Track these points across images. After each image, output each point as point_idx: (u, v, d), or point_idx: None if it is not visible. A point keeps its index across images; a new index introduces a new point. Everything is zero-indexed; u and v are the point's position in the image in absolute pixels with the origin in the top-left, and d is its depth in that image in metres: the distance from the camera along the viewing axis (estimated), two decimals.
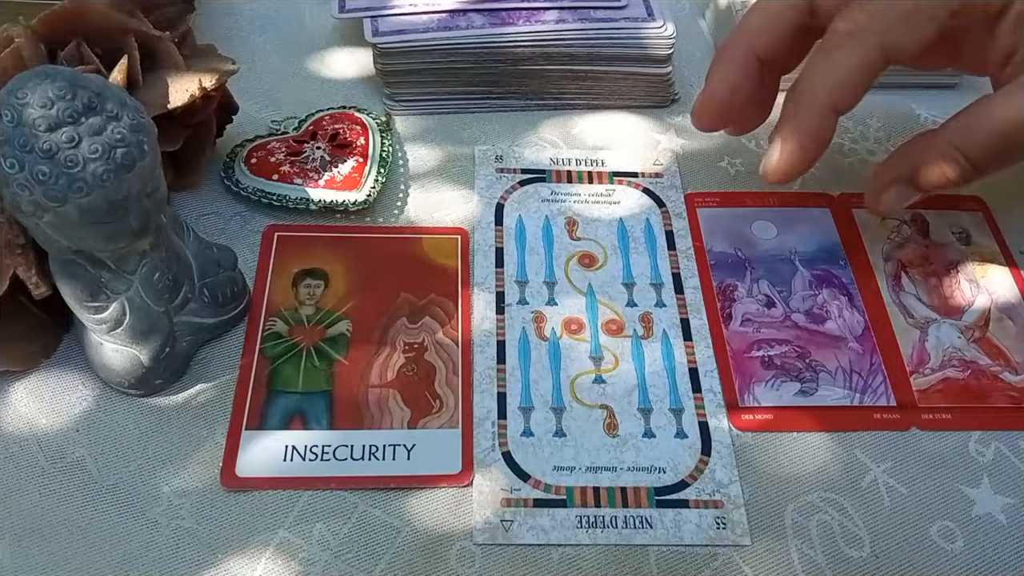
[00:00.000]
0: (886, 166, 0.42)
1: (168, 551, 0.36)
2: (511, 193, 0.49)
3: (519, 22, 0.51)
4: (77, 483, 0.38)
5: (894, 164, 0.41)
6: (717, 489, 0.38)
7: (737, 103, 0.43)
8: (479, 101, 0.53)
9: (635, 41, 0.52)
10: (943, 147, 0.39)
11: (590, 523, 0.37)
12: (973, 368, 0.42)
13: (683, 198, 0.49)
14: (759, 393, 0.41)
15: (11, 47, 0.40)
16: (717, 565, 0.36)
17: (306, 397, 0.40)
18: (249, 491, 0.38)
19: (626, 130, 0.53)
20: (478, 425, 0.40)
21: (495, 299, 0.44)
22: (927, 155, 0.40)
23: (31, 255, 0.37)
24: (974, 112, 0.39)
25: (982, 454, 0.40)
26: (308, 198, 0.46)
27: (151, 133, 0.35)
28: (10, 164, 0.32)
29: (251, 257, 0.45)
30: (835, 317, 0.44)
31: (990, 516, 0.38)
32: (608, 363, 0.42)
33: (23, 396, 0.40)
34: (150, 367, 0.39)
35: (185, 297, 0.40)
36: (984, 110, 0.38)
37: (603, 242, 0.47)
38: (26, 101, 0.32)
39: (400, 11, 0.52)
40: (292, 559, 0.36)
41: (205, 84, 0.42)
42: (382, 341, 0.42)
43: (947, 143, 0.39)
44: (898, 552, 0.37)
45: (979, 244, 0.47)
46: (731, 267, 0.46)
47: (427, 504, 0.38)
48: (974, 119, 0.39)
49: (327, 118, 0.50)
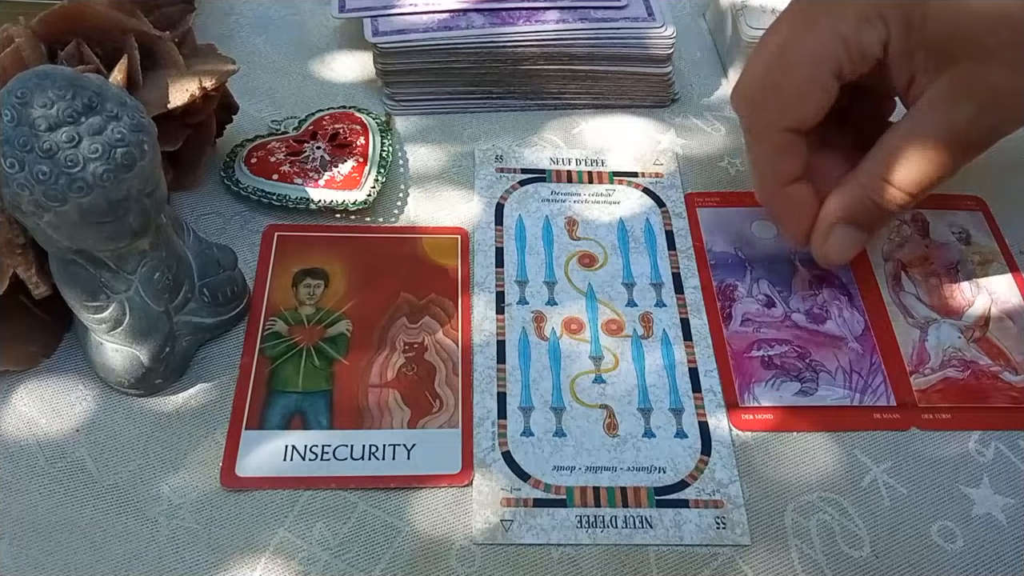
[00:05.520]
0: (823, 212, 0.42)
1: (168, 551, 0.36)
2: (511, 193, 0.49)
3: (519, 22, 0.51)
4: (77, 483, 0.38)
5: (827, 209, 0.42)
6: (717, 489, 0.38)
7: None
8: (479, 101, 0.53)
9: (635, 41, 0.52)
10: (866, 179, 0.40)
11: (590, 523, 0.37)
12: (973, 368, 0.42)
13: (683, 198, 0.49)
14: (759, 393, 0.41)
15: (11, 47, 0.40)
16: (717, 565, 0.36)
17: (306, 397, 0.40)
18: (249, 491, 0.38)
19: (626, 130, 0.53)
20: (478, 425, 0.40)
21: (495, 299, 0.44)
22: (854, 190, 0.40)
23: (31, 255, 0.37)
24: (889, 139, 0.40)
25: (982, 454, 0.40)
26: (308, 198, 0.46)
27: (151, 133, 0.35)
28: (10, 164, 0.32)
29: (251, 257, 0.45)
30: (835, 317, 0.44)
31: (990, 516, 0.38)
32: (608, 363, 0.42)
33: (23, 396, 0.40)
34: (150, 367, 0.39)
35: (185, 297, 0.40)
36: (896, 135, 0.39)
37: (603, 242, 0.47)
38: (26, 101, 0.32)
39: (400, 11, 0.52)
40: (292, 559, 0.36)
41: (205, 84, 0.42)
42: (382, 341, 0.42)
43: (870, 174, 0.40)
44: (898, 552, 0.37)
45: (979, 244, 0.47)
46: (731, 267, 0.46)
47: (427, 504, 0.38)
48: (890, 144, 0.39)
49: (327, 118, 0.50)
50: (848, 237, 0.42)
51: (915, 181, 0.39)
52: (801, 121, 0.40)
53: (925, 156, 0.38)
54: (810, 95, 0.40)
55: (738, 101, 0.43)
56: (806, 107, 0.40)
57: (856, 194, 0.40)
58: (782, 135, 0.41)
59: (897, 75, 0.39)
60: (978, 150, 0.39)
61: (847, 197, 0.41)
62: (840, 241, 0.42)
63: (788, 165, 0.41)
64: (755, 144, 0.43)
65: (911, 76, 0.39)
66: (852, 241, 0.42)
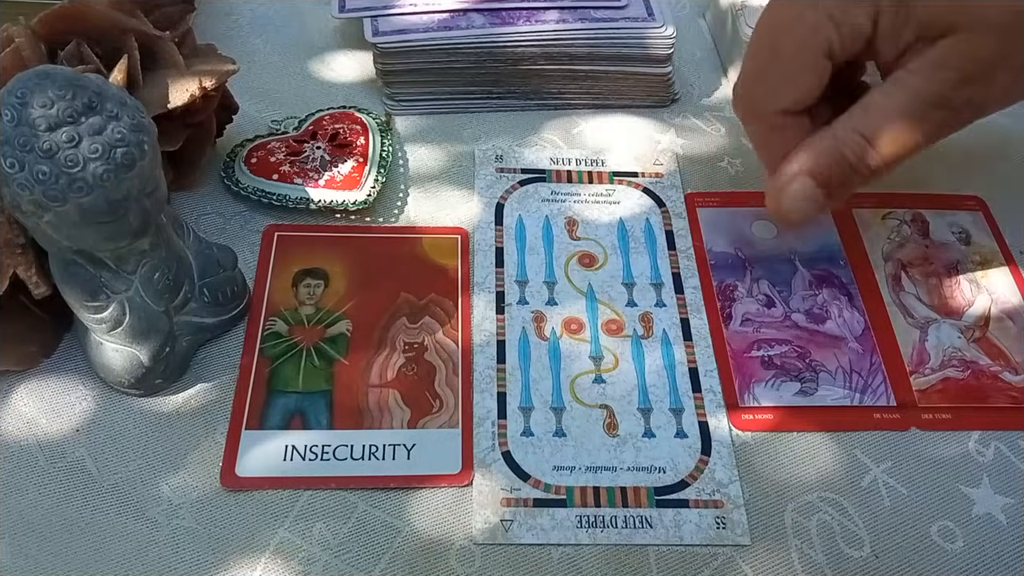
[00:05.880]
0: (787, 164, 0.41)
1: (168, 551, 0.36)
2: (511, 193, 0.49)
3: (519, 22, 0.51)
4: (77, 483, 0.38)
5: (793, 156, 0.41)
6: (717, 489, 0.38)
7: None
8: (479, 101, 0.53)
9: (635, 41, 0.52)
10: (840, 131, 0.39)
11: (590, 523, 0.37)
12: (973, 368, 0.42)
13: (683, 198, 0.49)
14: (759, 393, 0.41)
15: (11, 47, 0.40)
16: (717, 565, 0.36)
17: (306, 397, 0.40)
18: (249, 491, 0.38)
19: (626, 130, 0.53)
20: (478, 425, 0.40)
21: (495, 299, 0.44)
22: (825, 140, 0.40)
23: (31, 255, 0.37)
24: (867, 98, 0.39)
25: (982, 454, 0.40)
26: (308, 198, 0.46)
27: (151, 133, 0.35)
28: (10, 164, 0.32)
29: (251, 257, 0.45)
30: (835, 317, 0.44)
31: (990, 516, 0.38)
32: (608, 363, 0.42)
33: (23, 396, 0.40)
34: (150, 367, 0.39)
35: (185, 297, 0.40)
36: (875, 94, 0.39)
37: (603, 242, 0.47)
38: (26, 101, 0.32)
39: (400, 11, 0.52)
40: (292, 559, 0.36)
41: (205, 84, 0.42)
42: (382, 341, 0.42)
43: (844, 127, 0.39)
44: (898, 552, 0.37)
45: (979, 244, 0.47)
46: (731, 267, 0.46)
47: (427, 504, 0.38)
48: (868, 102, 0.39)
49: (327, 118, 0.50)
50: (808, 192, 0.40)
51: (890, 141, 0.39)
52: (796, 102, 0.41)
53: (902, 119, 0.38)
54: (802, 78, 0.40)
55: (737, 94, 0.43)
56: (799, 89, 0.40)
57: (828, 146, 0.40)
58: (777, 117, 0.41)
59: (885, 50, 0.39)
60: (953, 123, 0.39)
61: (818, 149, 0.40)
62: (800, 192, 0.40)
63: (789, 145, 0.41)
64: (752, 128, 0.43)
65: (901, 51, 0.39)
66: (811, 198, 0.41)
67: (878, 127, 0.39)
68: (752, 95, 0.42)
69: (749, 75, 0.42)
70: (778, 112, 0.41)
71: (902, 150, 0.39)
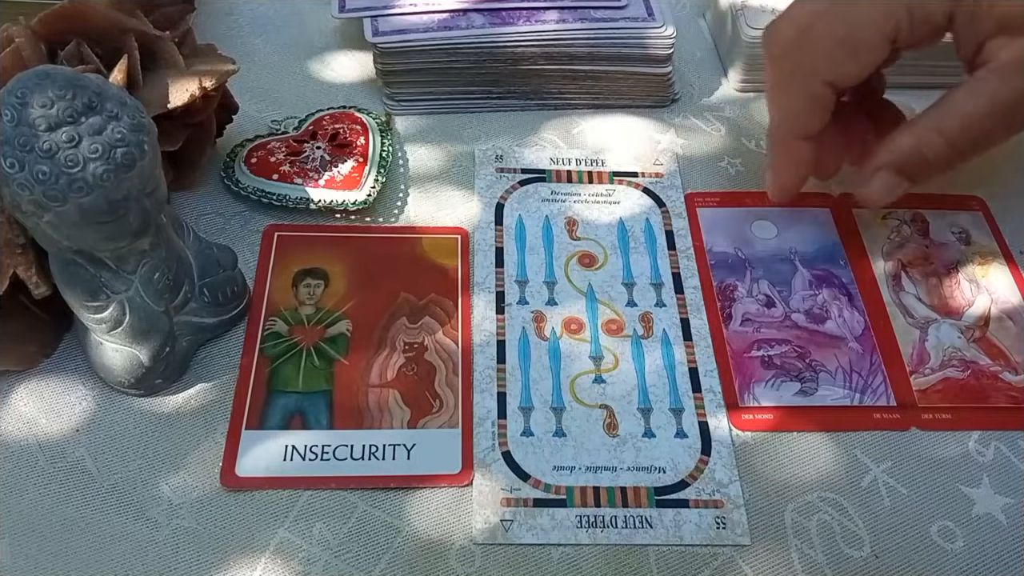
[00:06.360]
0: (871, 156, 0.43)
1: (168, 551, 0.36)
2: (511, 193, 0.49)
3: (519, 22, 0.51)
4: (77, 483, 0.38)
5: (878, 153, 0.42)
6: (717, 489, 0.38)
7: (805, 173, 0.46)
8: (479, 101, 0.53)
9: (635, 41, 0.52)
10: (922, 131, 0.40)
11: (590, 523, 0.37)
12: (973, 368, 0.42)
13: (683, 198, 0.49)
14: (759, 393, 0.41)
15: (11, 47, 0.40)
16: (717, 565, 0.36)
17: (306, 397, 0.40)
18: (249, 491, 0.38)
19: (626, 130, 0.53)
20: (478, 425, 0.40)
21: (495, 299, 0.44)
22: (906, 139, 0.41)
23: (31, 255, 0.37)
24: (949, 97, 0.40)
25: (982, 454, 0.40)
26: (308, 198, 0.46)
27: (151, 133, 0.35)
28: (10, 164, 0.32)
29: (251, 257, 0.45)
30: (835, 317, 0.44)
31: (990, 516, 0.38)
32: (608, 363, 0.42)
33: (23, 396, 0.40)
34: (150, 367, 0.39)
35: (185, 297, 0.40)
36: (957, 94, 0.40)
37: (603, 242, 0.47)
38: (26, 101, 0.32)
39: (400, 11, 0.52)
40: (292, 559, 0.36)
41: (205, 84, 0.42)
42: (382, 341, 0.42)
43: (926, 127, 0.40)
44: (898, 552, 0.37)
45: (979, 244, 0.47)
46: (731, 267, 0.46)
47: (427, 504, 0.38)
48: (950, 102, 0.40)
49: (327, 118, 0.50)
50: (891, 184, 0.42)
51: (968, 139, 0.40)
52: (841, 76, 0.41)
53: (980, 119, 0.39)
54: (859, 52, 0.40)
55: (781, 45, 0.42)
56: (851, 63, 0.41)
57: (908, 144, 0.41)
58: (819, 86, 0.41)
59: (964, 43, 0.40)
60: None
61: (899, 146, 0.41)
62: (883, 185, 0.42)
63: (813, 119, 0.42)
64: (786, 90, 0.43)
65: (979, 44, 0.39)
66: (893, 187, 0.42)
67: (955, 126, 0.40)
68: (804, 54, 0.42)
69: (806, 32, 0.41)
70: (822, 81, 0.41)
71: (978, 148, 0.40)
